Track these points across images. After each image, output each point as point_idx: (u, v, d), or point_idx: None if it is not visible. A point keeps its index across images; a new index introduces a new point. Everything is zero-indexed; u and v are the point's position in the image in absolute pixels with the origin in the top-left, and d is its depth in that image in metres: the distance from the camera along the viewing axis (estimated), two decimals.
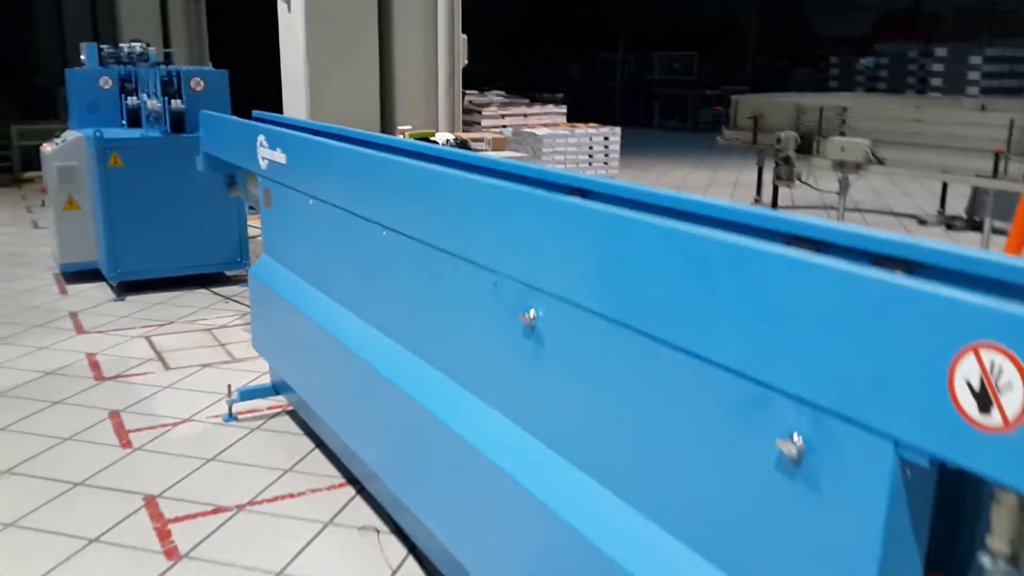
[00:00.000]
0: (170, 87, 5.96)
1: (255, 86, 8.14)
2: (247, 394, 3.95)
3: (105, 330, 5.17)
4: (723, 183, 11.83)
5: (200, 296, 5.92)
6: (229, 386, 3.94)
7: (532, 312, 1.95)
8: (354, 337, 2.98)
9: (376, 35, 5.99)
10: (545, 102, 13.35)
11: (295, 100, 5.98)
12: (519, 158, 5.84)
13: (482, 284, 2.14)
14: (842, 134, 7.28)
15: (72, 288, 6.05)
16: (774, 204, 8.09)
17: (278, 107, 6.59)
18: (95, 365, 4.58)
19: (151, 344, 4.94)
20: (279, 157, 3.48)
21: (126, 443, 3.66)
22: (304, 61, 5.75)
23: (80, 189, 6.00)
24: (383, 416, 2.75)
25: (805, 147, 7.48)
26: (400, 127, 5.87)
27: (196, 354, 4.79)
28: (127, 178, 5.73)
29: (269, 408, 4.03)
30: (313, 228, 3.36)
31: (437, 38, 6.05)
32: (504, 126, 11.77)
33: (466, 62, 6.28)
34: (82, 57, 7.06)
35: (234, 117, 4.17)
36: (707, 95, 20.99)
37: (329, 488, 3.29)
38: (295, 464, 3.48)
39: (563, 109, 12.46)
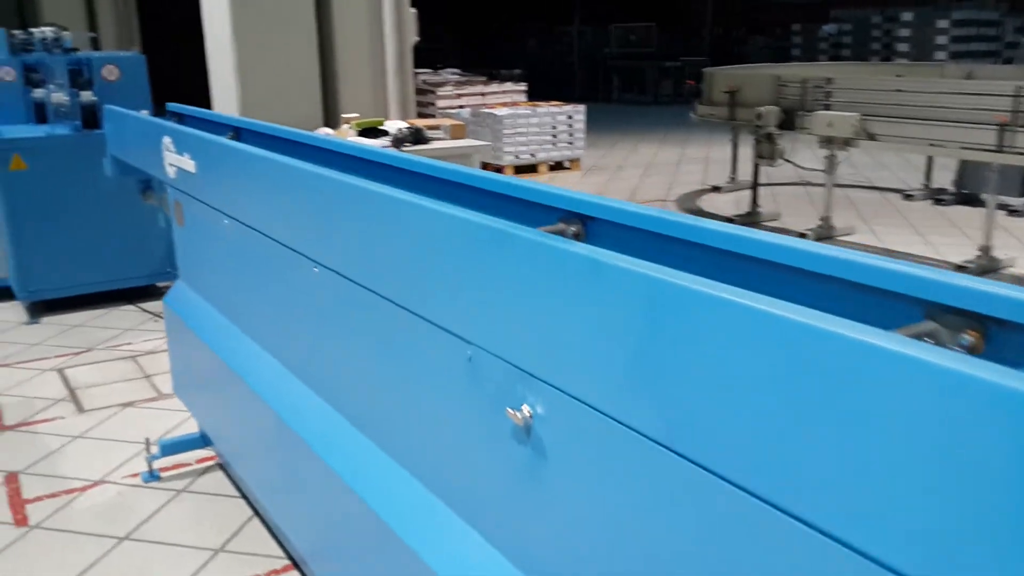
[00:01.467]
0: (80, 77, 5.22)
1: (197, 72, 7.35)
2: (170, 448, 3.30)
3: (11, 362, 4.46)
4: (693, 159, 11.30)
5: (126, 314, 5.22)
6: (147, 440, 3.28)
7: None
8: (281, 397, 2.36)
9: (312, 10, 5.29)
10: (503, 79, 12.67)
11: (224, 89, 5.27)
12: (479, 148, 5.21)
13: (454, 353, 1.54)
14: (827, 107, 6.74)
15: None
16: (755, 182, 7.55)
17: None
18: None
19: (64, 379, 4.25)
20: (187, 164, 2.82)
21: (21, 519, 3.00)
22: (230, 43, 5.03)
23: None
24: (313, 498, 2.15)
25: (787, 122, 6.94)
26: (345, 115, 5.20)
27: (116, 390, 4.11)
28: (33, 183, 5.00)
29: (198, 461, 3.39)
30: (231, 254, 2.71)
31: (382, 12, 5.37)
32: (461, 107, 11.09)
33: (416, 38, 5.61)
34: None
35: (137, 114, 3.48)
36: (666, 67, 20.43)
37: (269, 574, 2.66)
38: (228, 541, 2.85)
39: (523, 87, 11.82)
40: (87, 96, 5.08)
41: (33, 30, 6.10)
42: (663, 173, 10.26)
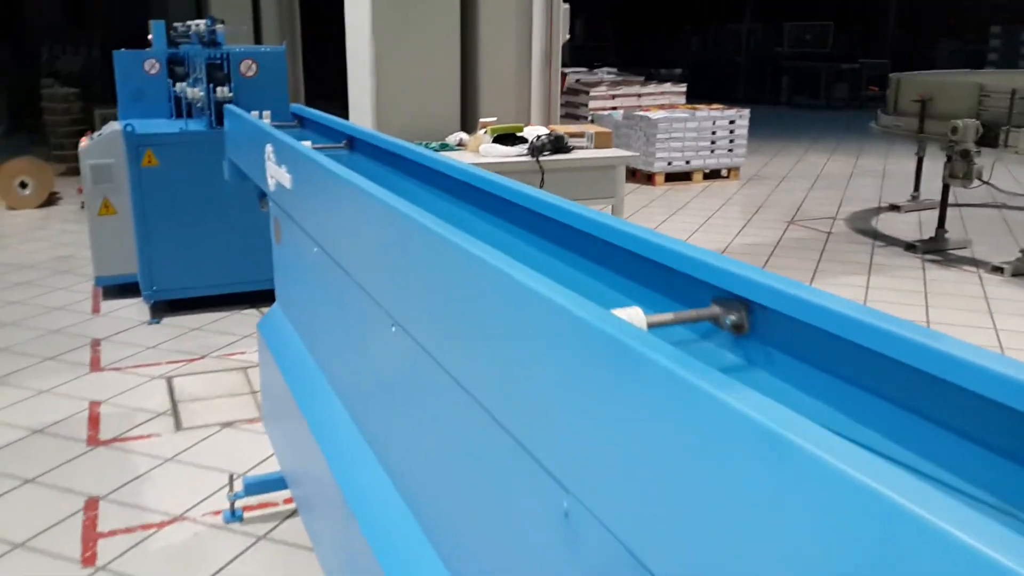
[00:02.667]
0: (218, 72, 5.06)
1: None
2: (255, 487, 2.98)
3: (124, 366, 4.32)
4: (868, 172, 10.27)
5: (247, 319, 5.03)
6: (232, 476, 2.98)
7: None
8: (346, 463, 1.96)
9: (457, 5, 4.91)
10: (662, 79, 12.01)
11: (360, 88, 4.97)
12: (624, 159, 4.67)
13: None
14: None
15: (107, 305, 5.26)
16: (943, 204, 6.61)
17: None
18: (95, 421, 3.72)
19: (170, 389, 4.05)
20: (284, 178, 2.46)
21: (89, 557, 2.75)
22: (369, 39, 4.72)
23: (118, 191, 5.18)
24: None
25: (988, 138, 5.99)
26: (483, 119, 4.79)
27: (220, 406, 3.87)
28: (163, 180, 4.87)
29: (285, 501, 3.06)
30: (318, 287, 2.33)
31: (532, 7, 4.91)
32: (614, 108, 10.53)
33: (567, 36, 5.13)
34: (149, 37, 6.31)
35: (248, 116, 3.17)
36: (842, 69, 19.03)
37: None
38: None
39: (682, 88, 11.13)
40: (222, 92, 4.90)
41: (191, 22, 6.05)
42: (833, 187, 9.34)
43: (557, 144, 4.45)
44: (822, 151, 12.11)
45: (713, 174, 9.71)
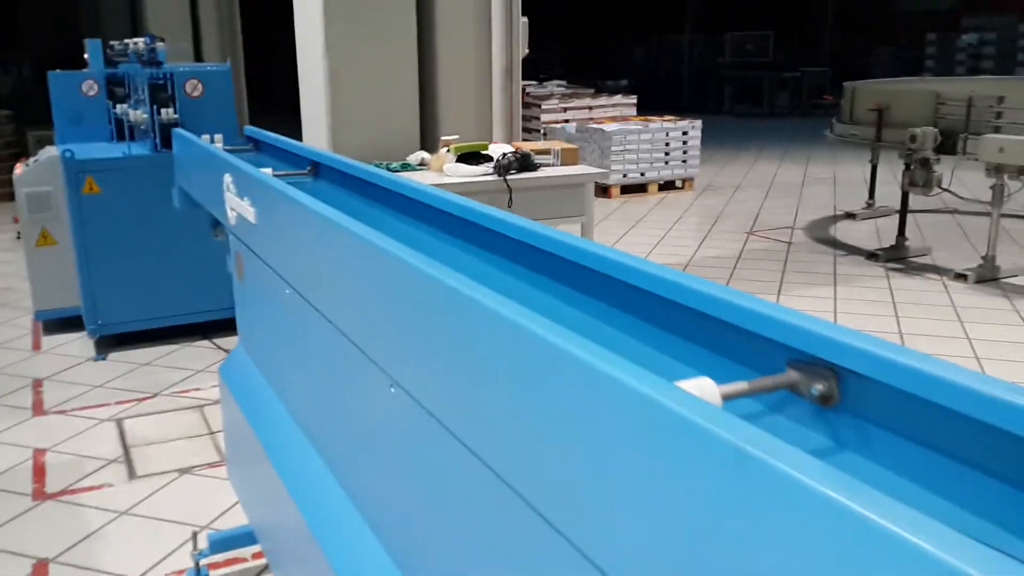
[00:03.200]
0: (162, 92, 4.81)
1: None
2: (220, 543, 2.74)
3: (69, 409, 4.03)
4: (819, 180, 10.34)
5: (198, 352, 4.76)
6: (195, 534, 2.74)
7: None
8: (326, 523, 1.76)
9: (413, 18, 4.73)
10: (611, 92, 11.98)
11: (314, 107, 4.76)
12: (592, 175, 4.54)
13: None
14: (997, 130, 5.81)
15: (49, 341, 4.95)
16: (903, 211, 6.63)
17: None
18: (40, 472, 3.44)
19: (121, 432, 3.78)
20: (247, 211, 2.25)
21: None
22: (323, 55, 4.52)
23: (57, 219, 4.88)
24: None
25: (946, 146, 6.02)
26: (444, 137, 4.62)
27: (176, 450, 3.62)
28: (106, 207, 4.59)
29: (254, 556, 2.84)
30: (291, 331, 2.13)
31: (491, 20, 4.76)
32: (566, 121, 10.44)
33: (527, 51, 4.99)
34: (85, 56, 6.01)
35: (200, 141, 2.96)
36: (784, 77, 19.30)
37: None
38: None
39: (632, 100, 11.10)
40: (167, 114, 4.65)
41: (128, 40, 5.76)
42: (787, 195, 9.37)
43: (524, 162, 4.30)
44: (771, 159, 12.19)
45: (668, 185, 9.67)
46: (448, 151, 4.43)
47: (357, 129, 4.68)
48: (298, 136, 5.13)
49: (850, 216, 8.08)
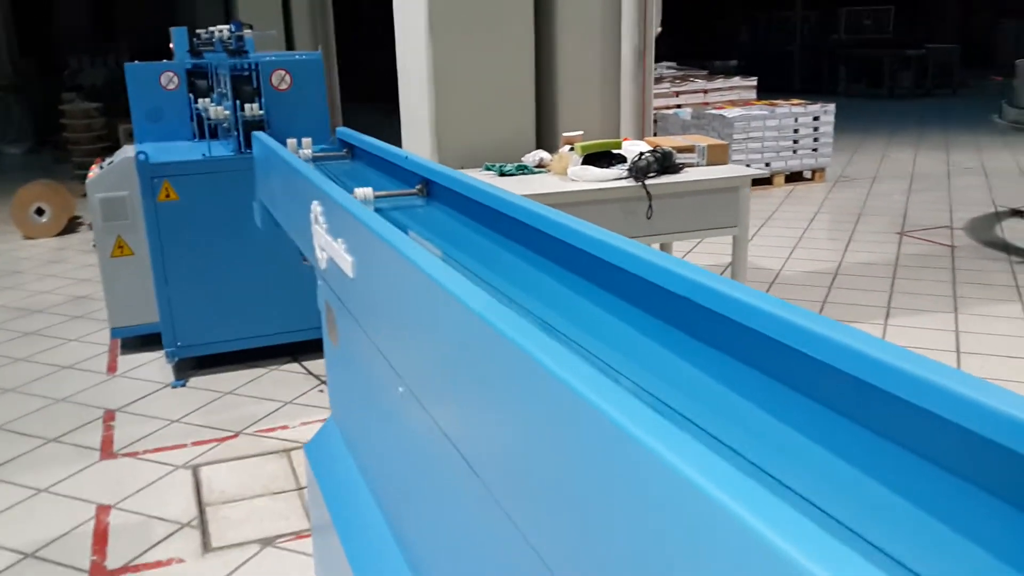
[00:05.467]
0: (246, 85, 4.26)
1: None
2: None
3: (141, 450, 3.53)
4: (965, 170, 9.23)
5: (287, 378, 4.22)
6: None
7: None
8: None
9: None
10: (729, 73, 11.04)
11: (414, 100, 4.13)
12: (746, 177, 3.78)
13: None
14: None
15: (125, 361, 4.49)
16: None
17: None
18: (102, 538, 2.92)
19: (197, 484, 3.25)
20: (343, 259, 1.62)
21: None
22: (426, 41, 3.88)
23: (134, 228, 4.41)
24: None
25: None
26: (566, 134, 3.93)
27: (258, 511, 3.06)
28: (184, 216, 4.08)
29: None
30: (393, 427, 1.49)
31: None
32: (678, 106, 9.60)
33: (659, 28, 4.25)
34: (171, 46, 5.56)
35: (280, 149, 2.35)
36: (906, 55, 17.84)
37: None
38: None
39: (752, 82, 10.14)
40: (251, 110, 4.10)
41: (213, 28, 5.25)
42: (933, 187, 8.34)
43: (665, 162, 3.57)
44: (904, 146, 11.06)
45: (794, 176, 8.75)
46: (571, 150, 3.74)
47: (465, 125, 4.04)
48: (394, 132, 4.52)
49: (1018, 214, 7.03)
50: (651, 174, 3.53)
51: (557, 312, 1.32)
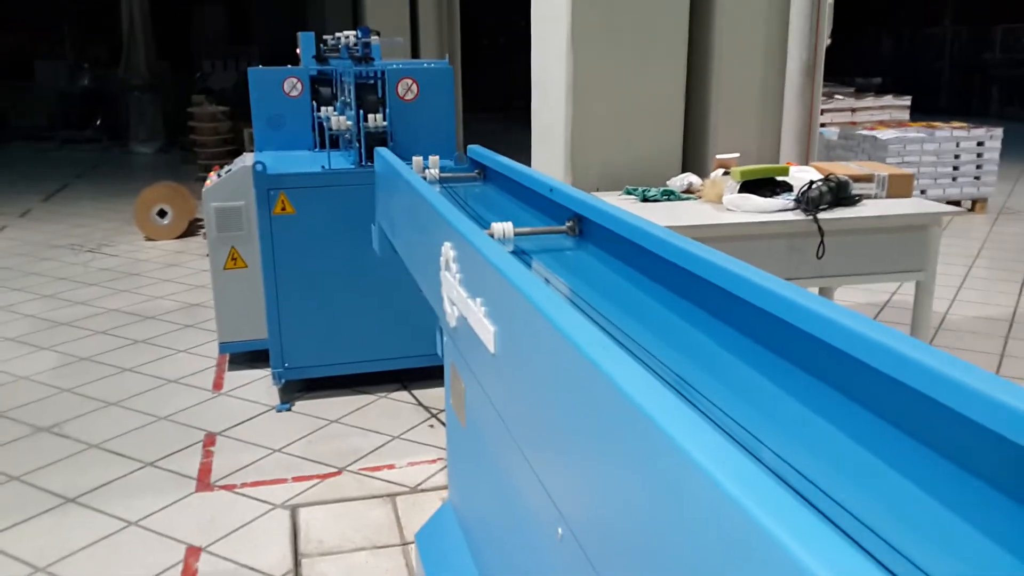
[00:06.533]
0: (370, 94, 3.99)
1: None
2: None
3: (239, 483, 3.27)
4: None
5: (396, 408, 3.92)
6: None
7: None
8: None
9: (685, 5, 3.62)
10: (879, 92, 10.27)
11: (549, 115, 3.76)
12: (938, 216, 3.23)
13: None
14: None
15: (232, 379, 4.28)
16: None
17: None
18: None
19: (294, 530, 2.95)
20: (481, 324, 1.24)
21: None
22: (567, 50, 3.50)
23: (249, 239, 4.20)
24: None
25: None
26: (720, 156, 3.48)
27: (357, 568, 2.73)
28: (300, 230, 3.83)
29: None
30: (523, 530, 1.10)
31: (789, 2, 3.56)
32: (823, 125, 8.93)
33: (830, 39, 3.75)
34: (298, 51, 5.39)
35: (404, 169, 2.00)
36: None
37: None
38: None
39: (906, 101, 9.37)
40: (375, 121, 3.82)
41: (340, 34, 5.03)
42: None
43: (839, 193, 3.08)
44: None
45: (951, 204, 7.96)
46: (726, 174, 3.29)
47: (604, 143, 3.63)
48: (512, 146, 4.16)
49: None
50: (823, 206, 3.04)
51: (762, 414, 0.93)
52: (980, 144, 7.78)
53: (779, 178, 3.17)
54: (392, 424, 3.77)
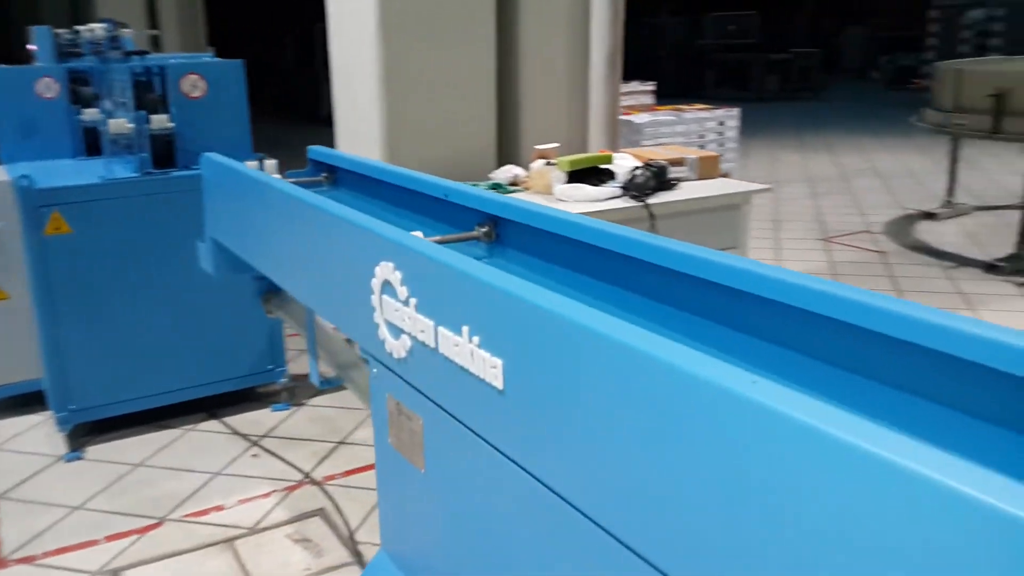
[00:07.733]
0: (148, 91, 3.57)
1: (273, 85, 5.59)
2: None
3: (40, 553, 2.80)
4: (860, 172, 9.38)
5: (209, 441, 3.56)
6: None
7: None
8: None
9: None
10: (623, 80, 10.86)
11: (358, 111, 3.56)
12: (748, 193, 3.43)
13: None
14: None
15: (5, 427, 3.69)
16: None
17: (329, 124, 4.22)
18: None
19: None
20: (475, 355, 1.08)
21: None
22: (376, 43, 3.32)
23: (8, 266, 3.61)
24: None
25: None
26: (539, 147, 3.47)
27: None
28: (79, 252, 3.34)
29: None
30: None
31: None
32: None
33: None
34: (30, 47, 4.76)
35: (274, 180, 1.77)
36: (772, 60, 18.37)
37: None
38: None
39: (650, 87, 9.97)
40: (159, 121, 3.41)
41: (80, 28, 4.46)
42: (835, 191, 8.39)
43: (661, 177, 3.17)
44: (789, 149, 11.21)
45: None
46: (549, 165, 3.28)
47: (419, 139, 3.49)
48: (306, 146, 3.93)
49: (929, 216, 7.10)
50: (648, 191, 3.12)
51: None
52: (721, 124, 8.46)
53: (602, 166, 3.21)
54: (208, 459, 3.41)
